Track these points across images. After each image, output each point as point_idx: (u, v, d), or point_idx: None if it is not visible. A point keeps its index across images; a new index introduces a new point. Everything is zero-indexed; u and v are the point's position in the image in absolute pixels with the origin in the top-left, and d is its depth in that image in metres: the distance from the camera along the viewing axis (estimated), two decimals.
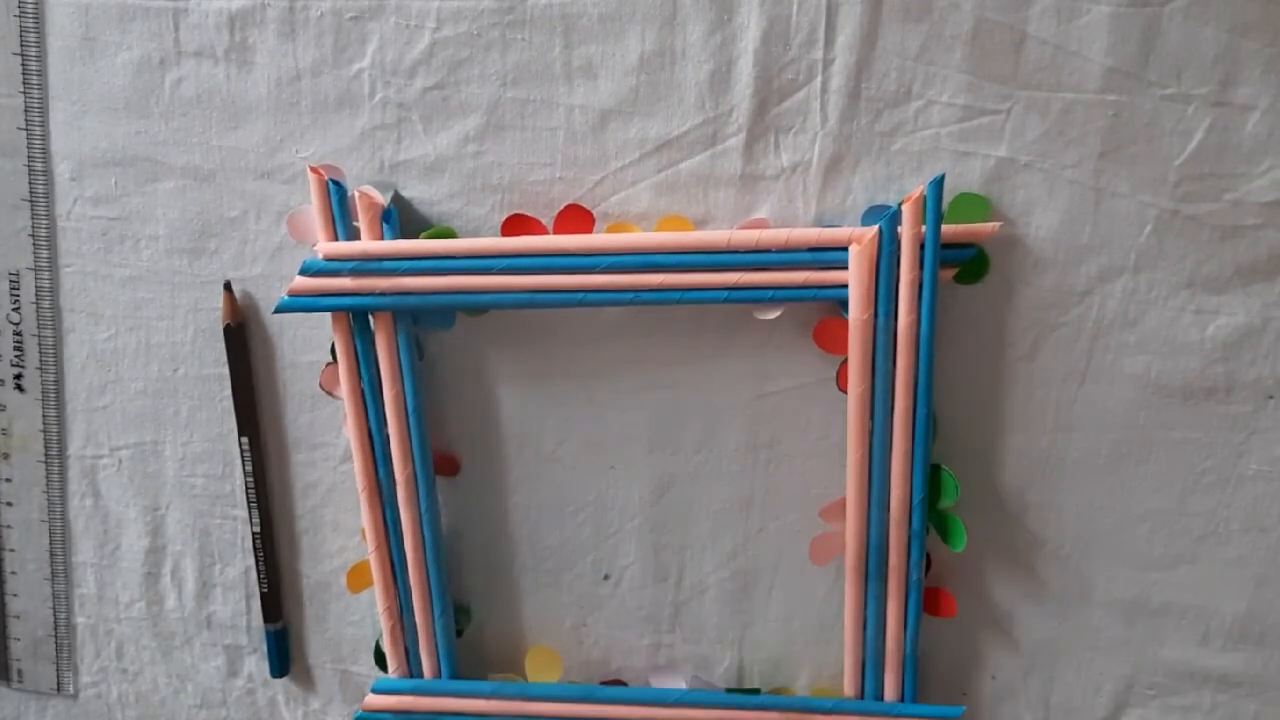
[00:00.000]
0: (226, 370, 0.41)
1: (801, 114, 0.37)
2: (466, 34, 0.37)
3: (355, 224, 0.37)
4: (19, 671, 0.47)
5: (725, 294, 0.36)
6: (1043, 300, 0.37)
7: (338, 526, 0.43)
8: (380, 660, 0.43)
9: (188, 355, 0.42)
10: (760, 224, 0.37)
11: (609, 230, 0.38)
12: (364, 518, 0.39)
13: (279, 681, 0.45)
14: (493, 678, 0.42)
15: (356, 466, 0.39)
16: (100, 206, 0.41)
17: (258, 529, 0.43)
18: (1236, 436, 0.38)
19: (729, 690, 0.42)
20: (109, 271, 0.41)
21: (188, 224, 0.40)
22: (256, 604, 0.44)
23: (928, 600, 0.39)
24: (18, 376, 0.43)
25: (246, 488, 0.42)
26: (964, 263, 0.36)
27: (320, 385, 0.40)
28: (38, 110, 0.40)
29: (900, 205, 0.34)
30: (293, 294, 0.38)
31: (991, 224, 0.36)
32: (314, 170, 0.37)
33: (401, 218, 0.38)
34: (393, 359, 0.38)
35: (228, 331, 0.41)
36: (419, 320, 0.39)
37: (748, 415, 0.40)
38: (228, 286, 0.41)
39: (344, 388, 0.38)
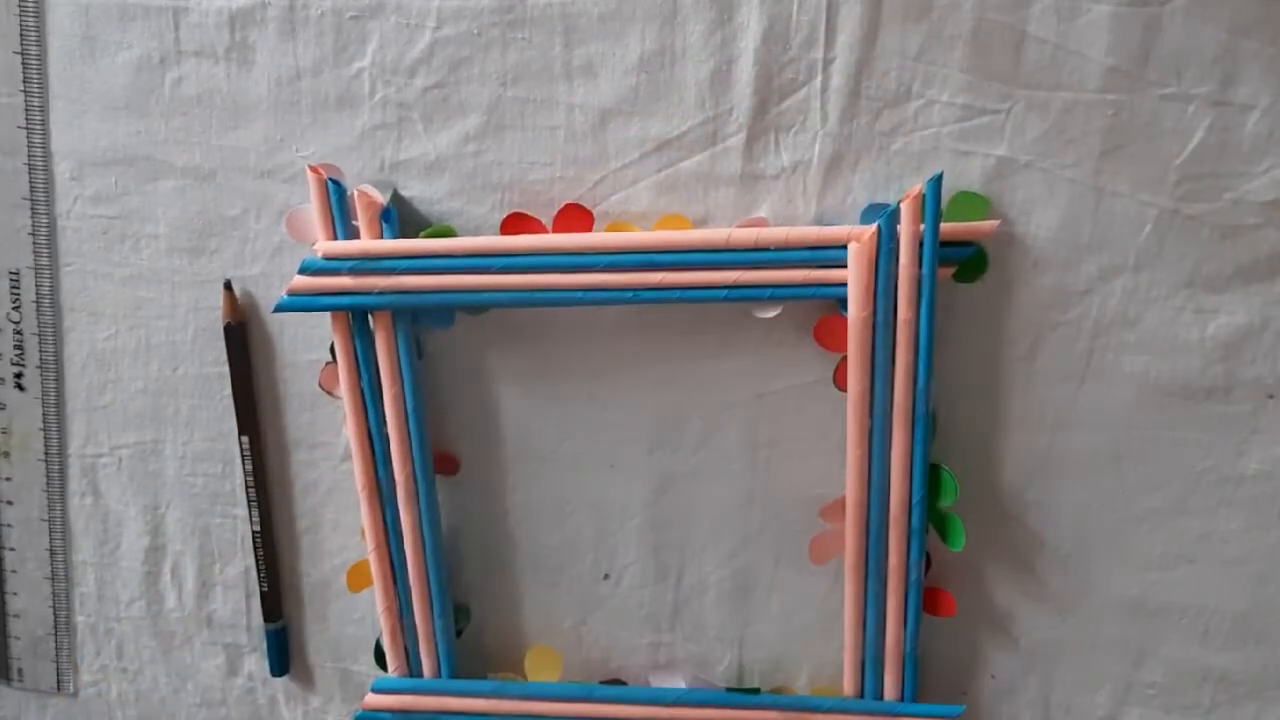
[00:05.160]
0: (226, 369, 0.41)
1: (801, 113, 0.37)
2: (466, 33, 0.37)
3: (354, 223, 0.37)
4: (19, 670, 0.47)
5: (724, 292, 0.36)
6: (1042, 299, 0.37)
7: (338, 526, 0.43)
8: (380, 659, 0.43)
9: (188, 354, 0.42)
10: (759, 223, 0.37)
11: (608, 229, 0.38)
12: (364, 517, 0.39)
13: (279, 681, 0.45)
14: (493, 677, 0.42)
15: (356, 466, 0.39)
16: (100, 206, 0.41)
17: (258, 528, 0.43)
18: (1236, 436, 0.38)
19: (729, 690, 0.42)
20: (109, 271, 0.41)
21: (188, 223, 0.40)
22: (256, 603, 0.44)
23: (927, 600, 0.39)
24: (18, 376, 0.43)
25: (246, 487, 0.42)
26: (963, 261, 0.36)
27: (320, 384, 0.40)
28: (38, 110, 0.40)
29: (899, 203, 0.34)
30: (292, 293, 0.38)
31: (990, 222, 0.36)
32: (313, 169, 0.37)
33: (401, 217, 0.38)
34: (392, 358, 0.38)
35: (228, 331, 0.41)
36: (418, 319, 0.39)
37: (748, 414, 0.40)
38: (228, 285, 0.41)
39: (343, 387, 0.38)
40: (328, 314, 0.38)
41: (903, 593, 0.38)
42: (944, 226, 0.35)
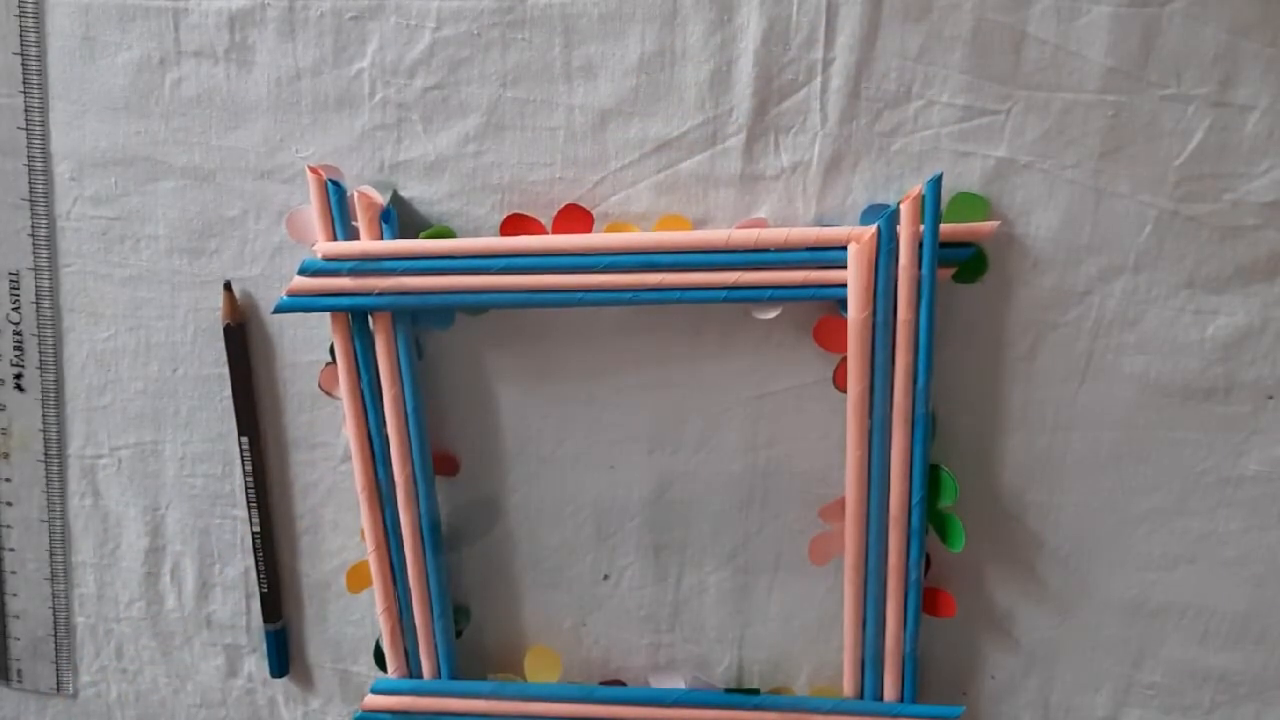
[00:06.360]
0: (226, 370, 0.41)
1: (801, 114, 0.37)
2: (466, 34, 0.37)
3: (354, 224, 0.37)
4: (19, 671, 0.47)
5: (724, 293, 0.36)
6: (1042, 300, 0.37)
7: (338, 526, 0.43)
8: (380, 660, 0.43)
9: (188, 355, 0.42)
10: (759, 224, 0.37)
11: (608, 230, 0.38)
12: (363, 518, 0.39)
13: (279, 681, 0.45)
14: (492, 678, 0.42)
15: (356, 467, 0.39)
16: (100, 206, 0.41)
17: (257, 529, 0.43)
18: (1236, 436, 0.38)
19: (728, 690, 0.42)
20: (109, 271, 0.41)
21: (188, 224, 0.40)
22: (256, 604, 0.44)
23: (927, 600, 0.39)
24: (18, 376, 0.43)
25: (246, 488, 0.42)
26: (963, 262, 0.36)
27: (319, 385, 0.40)
28: (38, 110, 0.40)
29: (899, 204, 0.34)
30: (292, 294, 0.38)
31: (990, 223, 0.36)
32: (313, 170, 0.37)
33: (401, 218, 0.38)
34: (392, 359, 0.38)
35: (228, 331, 0.41)
36: (418, 320, 0.39)
37: (747, 415, 0.40)
38: (228, 286, 0.41)
39: (343, 388, 0.38)
40: (327, 315, 0.38)
41: (902, 593, 0.38)
42: (944, 227, 0.35)
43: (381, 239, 0.37)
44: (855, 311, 0.35)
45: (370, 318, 0.38)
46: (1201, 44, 0.34)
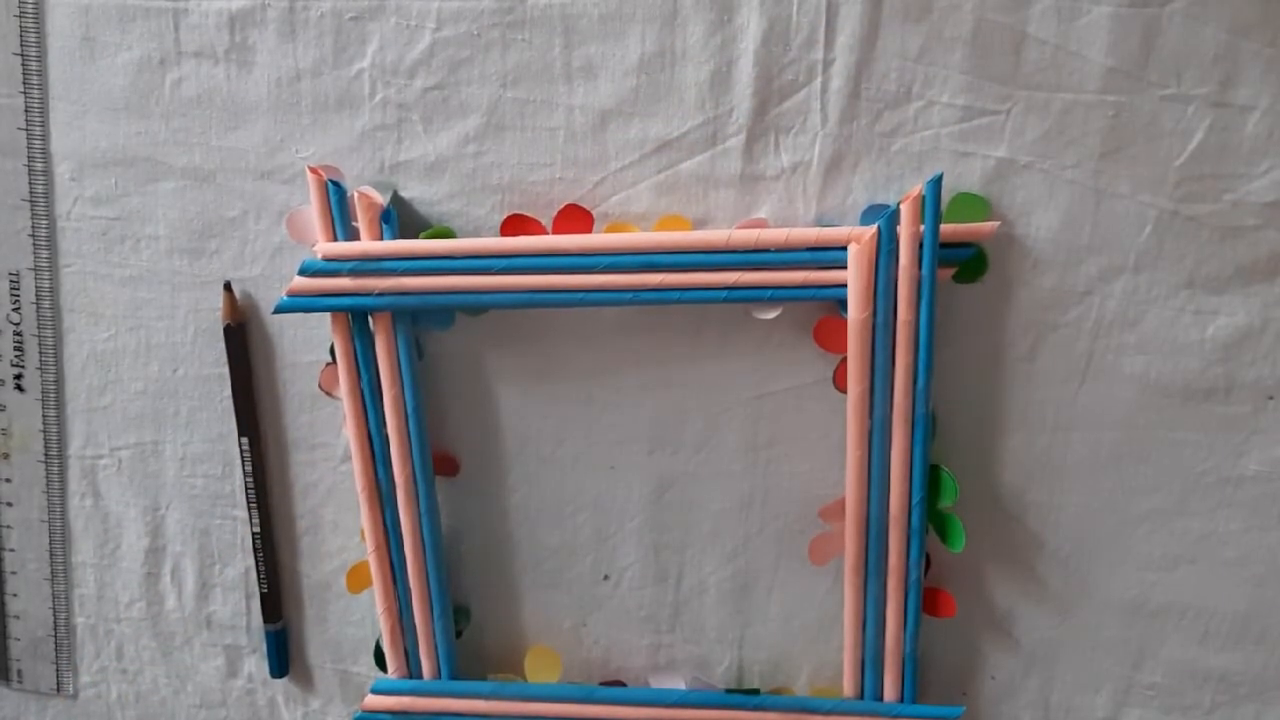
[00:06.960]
0: (226, 370, 0.41)
1: (801, 114, 0.37)
2: (466, 34, 0.37)
3: (354, 224, 0.37)
4: (19, 671, 0.47)
5: (724, 293, 0.36)
6: (1042, 300, 0.37)
7: (338, 526, 0.43)
8: (380, 660, 0.43)
9: (188, 355, 0.42)
10: (759, 224, 0.37)
11: (608, 230, 0.38)
12: (363, 518, 0.39)
13: (279, 682, 0.45)
14: (492, 678, 0.42)
15: (356, 467, 0.39)
16: (100, 206, 0.41)
17: (258, 529, 0.43)
18: (1236, 436, 0.38)
19: (728, 690, 0.42)
20: (109, 271, 0.41)
21: (188, 224, 0.40)
22: (256, 604, 0.44)
23: (927, 600, 0.39)
24: (18, 376, 0.43)
25: (246, 488, 0.42)
26: (963, 262, 0.36)
27: (320, 385, 0.40)
28: (38, 110, 0.40)
29: (899, 204, 0.34)
30: (292, 294, 0.38)
31: (990, 224, 0.36)
32: (313, 170, 0.37)
33: (401, 218, 0.38)
34: (392, 359, 0.38)
35: (228, 331, 0.41)
36: (418, 320, 0.39)
37: (747, 415, 0.40)
38: (228, 286, 0.41)
39: (343, 388, 0.38)
40: (327, 315, 0.38)
41: (903, 593, 0.38)
42: (944, 228, 0.35)
43: (381, 239, 0.37)
44: (855, 312, 0.35)
45: (370, 318, 0.38)
46: (1201, 44, 0.34)
